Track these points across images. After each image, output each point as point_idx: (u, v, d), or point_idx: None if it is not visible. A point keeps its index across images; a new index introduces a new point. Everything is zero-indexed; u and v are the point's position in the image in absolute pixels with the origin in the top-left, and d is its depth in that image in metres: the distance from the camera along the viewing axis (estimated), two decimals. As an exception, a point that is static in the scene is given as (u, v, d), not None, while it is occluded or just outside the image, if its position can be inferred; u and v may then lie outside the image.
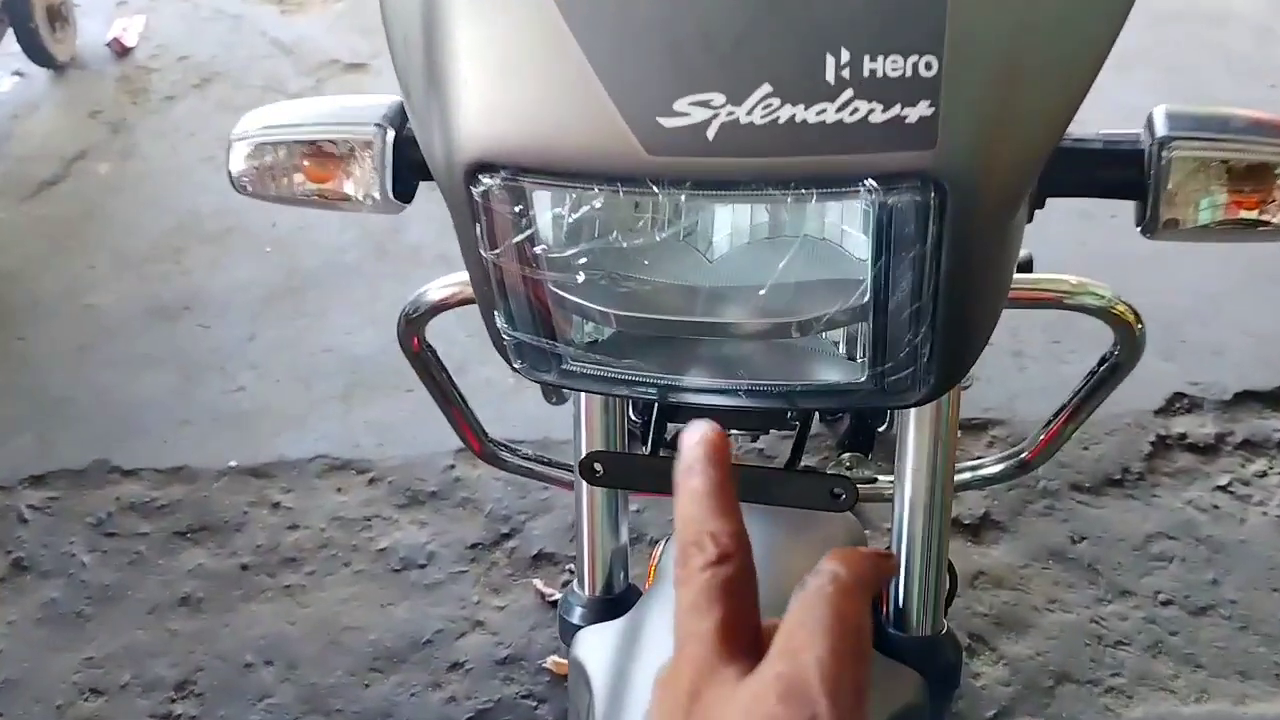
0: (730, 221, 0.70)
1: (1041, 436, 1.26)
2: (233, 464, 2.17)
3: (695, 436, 0.52)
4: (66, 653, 1.90)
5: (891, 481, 0.95)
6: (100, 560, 2.03)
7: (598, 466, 0.88)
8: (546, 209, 0.65)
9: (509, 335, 0.72)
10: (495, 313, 0.71)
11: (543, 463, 1.30)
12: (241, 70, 3.15)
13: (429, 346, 1.20)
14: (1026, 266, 1.45)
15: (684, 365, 0.72)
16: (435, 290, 1.15)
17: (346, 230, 2.63)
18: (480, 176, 0.63)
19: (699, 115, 0.58)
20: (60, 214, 2.75)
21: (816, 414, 1.39)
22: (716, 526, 0.48)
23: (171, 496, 2.12)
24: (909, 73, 0.57)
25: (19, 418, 2.27)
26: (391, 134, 0.80)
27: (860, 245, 0.67)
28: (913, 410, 0.88)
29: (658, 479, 0.89)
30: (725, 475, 0.50)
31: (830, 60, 0.57)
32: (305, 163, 0.83)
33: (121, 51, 3.23)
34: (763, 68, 0.58)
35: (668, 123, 0.59)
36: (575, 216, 0.66)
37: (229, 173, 0.86)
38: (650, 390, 0.73)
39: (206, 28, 3.32)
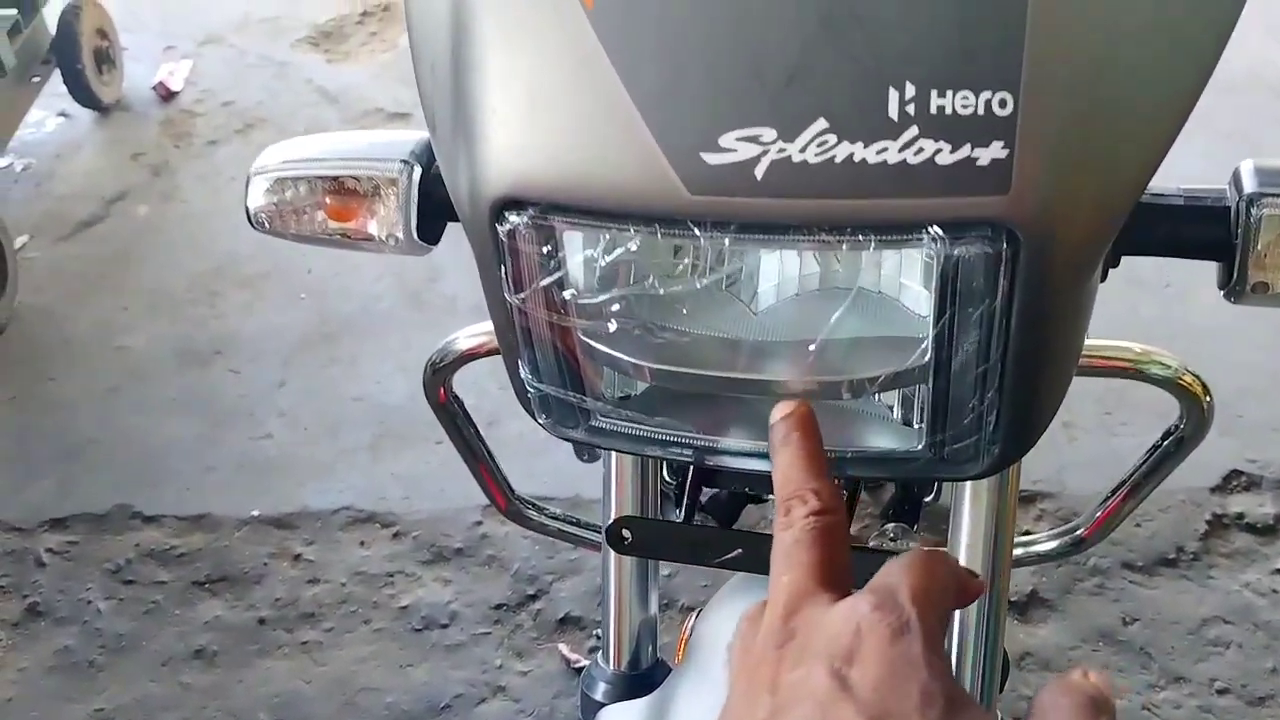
0: (778, 270, 0.64)
1: (1099, 513, 1.18)
2: (255, 513, 2.12)
3: (785, 410, 0.54)
4: (77, 703, 1.84)
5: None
6: (116, 608, 1.97)
7: (626, 533, 0.82)
8: (578, 251, 0.60)
9: (534, 387, 0.66)
10: (519, 362, 0.65)
11: (571, 523, 1.24)
12: (286, 117, 3.15)
13: (456, 398, 1.14)
14: None
15: (723, 425, 0.66)
16: (464, 339, 1.09)
17: (382, 279, 2.60)
18: (507, 214, 0.58)
19: (747, 152, 0.53)
20: (97, 254, 2.74)
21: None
22: (818, 485, 0.51)
23: (192, 545, 2.07)
24: (981, 110, 0.51)
25: (43, 459, 2.24)
26: (418, 171, 0.75)
27: (921, 300, 0.61)
28: (970, 482, 0.82)
29: (690, 549, 0.83)
30: (818, 444, 0.53)
31: (894, 95, 0.51)
32: (327, 200, 0.78)
33: (166, 95, 3.24)
34: (818, 101, 0.52)
35: (713, 159, 0.53)
36: (609, 259, 0.60)
37: (246, 208, 0.81)
38: (685, 452, 0.67)
39: (252, 74, 3.32)
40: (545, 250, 0.58)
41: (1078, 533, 1.24)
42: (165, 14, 3.57)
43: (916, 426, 0.64)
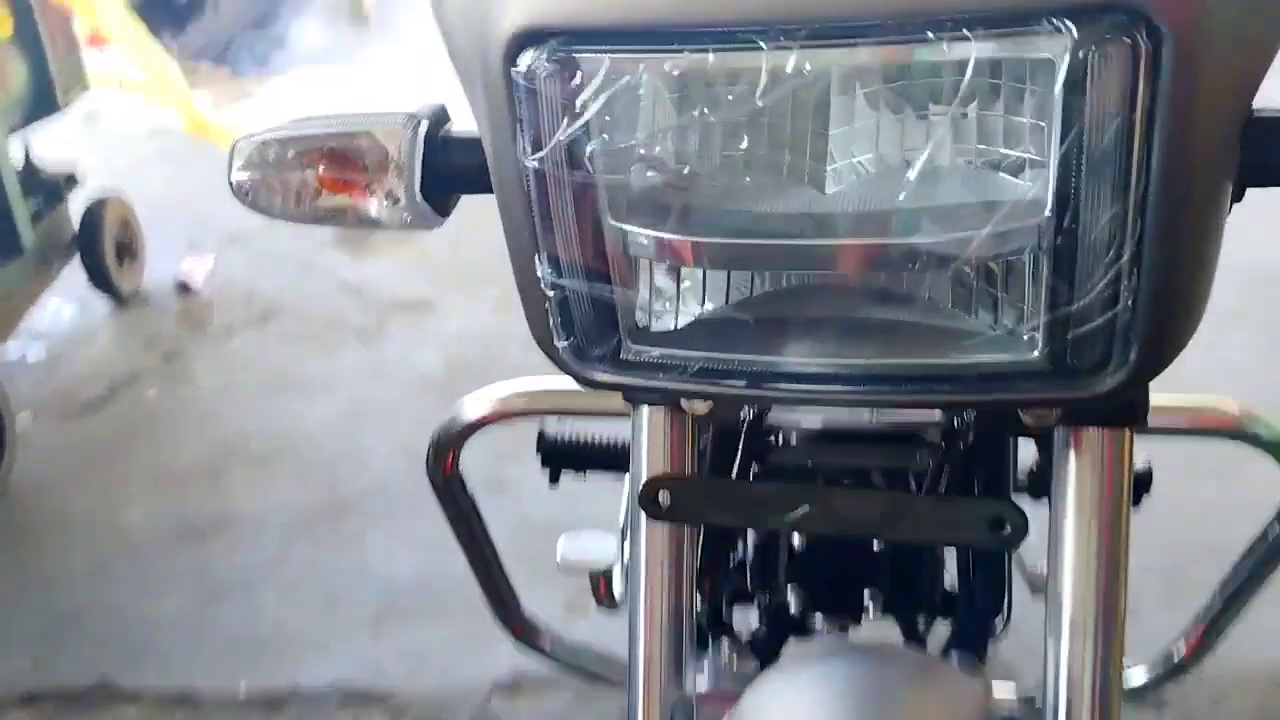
0: (849, 140, 0.52)
1: (1193, 633, 1.03)
2: (243, 691, 1.93)
3: None
4: None
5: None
6: (80, 790, 1.77)
7: (664, 496, 0.68)
8: (605, 90, 0.49)
9: (554, 287, 0.54)
10: (536, 259, 0.54)
11: (590, 657, 1.09)
12: (305, 307, 3.12)
13: (462, 482, 1.03)
14: (1145, 481, 1.24)
15: (783, 341, 0.54)
16: (470, 406, 0.99)
17: (396, 456, 2.49)
18: (523, 52, 0.48)
19: None
20: (102, 433, 2.65)
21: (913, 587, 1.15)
22: None
23: (171, 722, 1.88)
24: None
25: (24, 633, 2.08)
26: (424, 126, 0.65)
27: (1036, 139, 0.50)
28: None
29: (746, 508, 0.68)
30: None
31: None
32: (321, 168, 0.68)
33: (187, 289, 3.22)
34: None
35: None
36: (645, 96, 0.49)
37: (229, 180, 0.71)
38: (737, 383, 0.55)
39: (275, 269, 3.31)
40: (569, 90, 0.48)
41: (1175, 659, 1.09)
42: (194, 213, 3.60)
43: (1026, 336, 0.51)
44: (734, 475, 0.74)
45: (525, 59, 0.49)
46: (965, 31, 0.43)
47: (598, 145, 0.50)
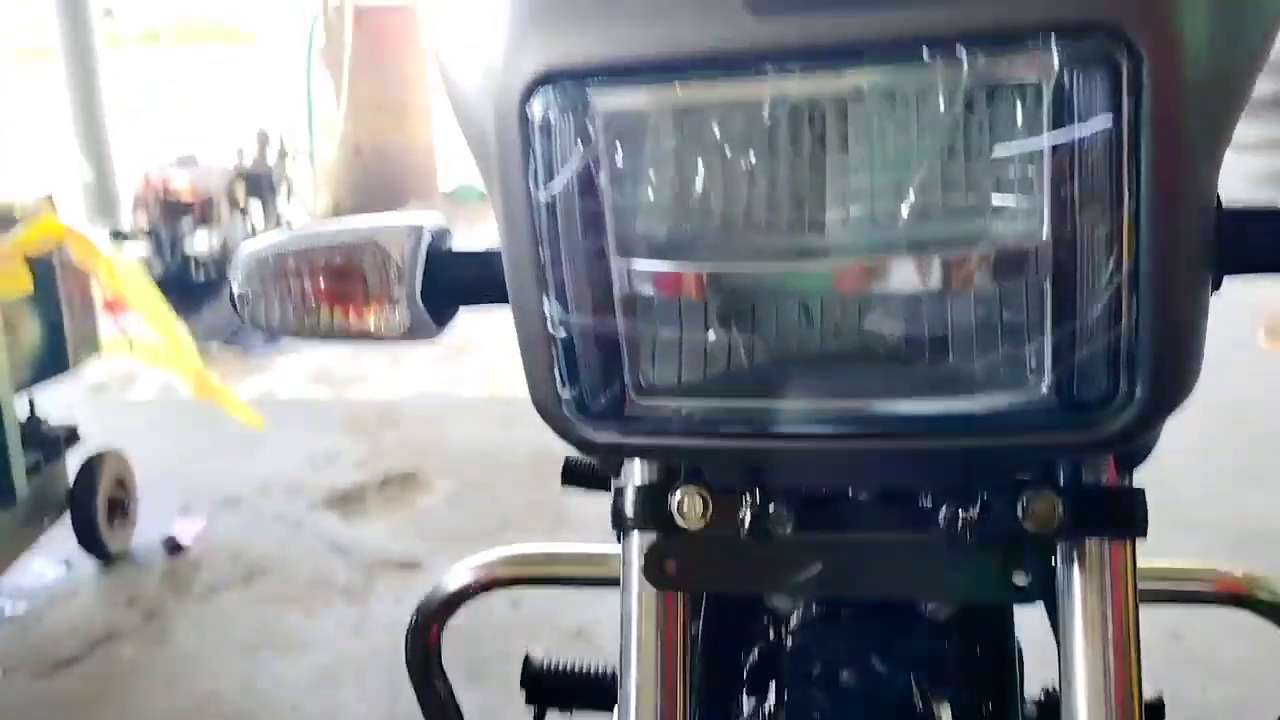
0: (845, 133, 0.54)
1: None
2: None
3: None
4: None
5: None
6: None
7: (669, 563, 0.64)
8: (614, 126, 0.52)
9: (560, 326, 0.54)
10: (544, 297, 0.54)
11: None
12: (292, 568, 3.07)
13: (441, 667, 0.99)
14: (1158, 712, 1.20)
15: (787, 391, 0.54)
16: (455, 577, 0.97)
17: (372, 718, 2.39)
18: (537, 93, 0.51)
19: None
20: (72, 690, 2.55)
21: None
22: None
23: None
24: None
25: None
26: (427, 236, 0.67)
27: (1027, 165, 0.51)
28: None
29: (756, 572, 0.65)
30: None
31: None
32: (321, 281, 0.70)
33: (175, 548, 3.19)
34: None
35: None
36: (657, 129, 0.52)
37: (230, 291, 0.73)
38: (742, 433, 0.54)
39: (265, 530, 3.29)
40: (581, 125, 0.51)
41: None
42: (187, 475, 3.62)
43: (1032, 372, 0.52)
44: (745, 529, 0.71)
45: (539, 99, 0.51)
46: (959, 53, 0.46)
47: (607, 176, 0.52)
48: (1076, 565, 0.65)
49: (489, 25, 0.54)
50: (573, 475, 1.03)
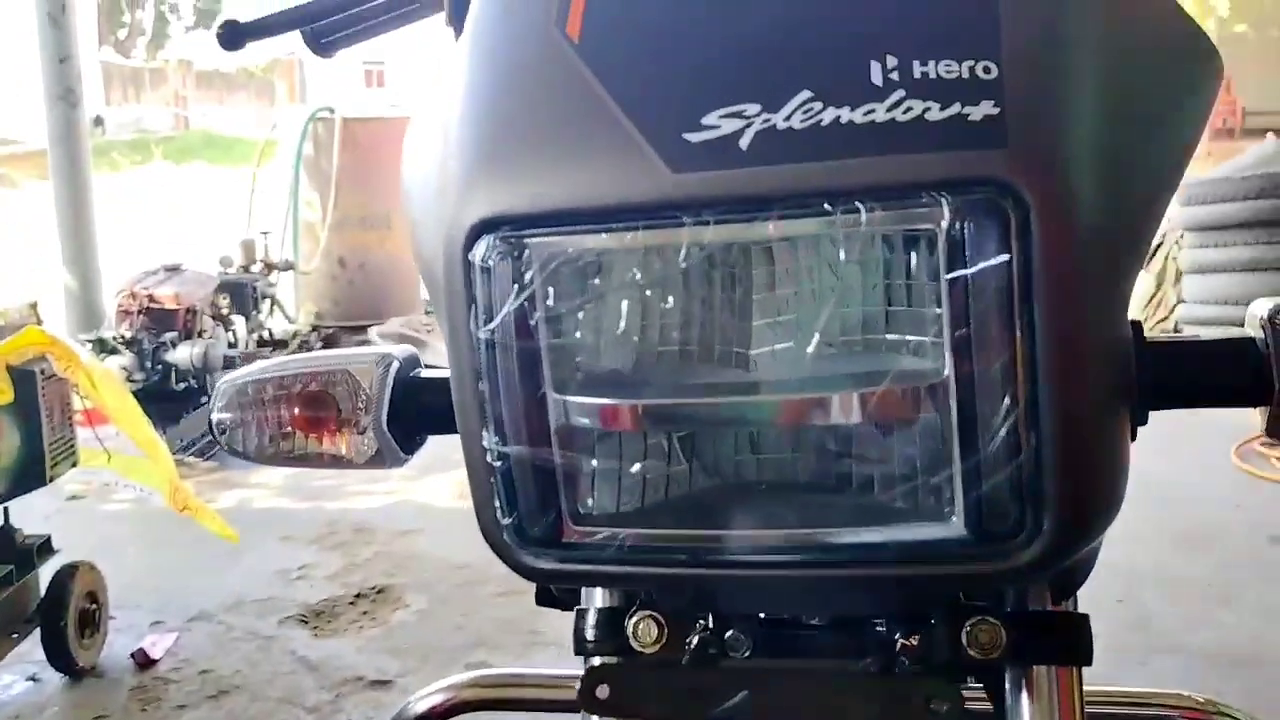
0: (770, 274, 0.59)
1: None
2: None
3: None
4: None
5: None
6: None
7: (604, 688, 0.67)
8: (550, 267, 0.56)
9: (500, 457, 0.58)
10: (484, 431, 0.58)
11: None
12: (262, 685, 3.03)
13: None
14: None
15: (722, 520, 0.57)
16: (422, 700, 0.98)
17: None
18: (480, 240, 0.56)
19: (730, 127, 0.52)
20: (31, 809, 2.50)
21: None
22: None
23: None
24: (966, 75, 0.51)
25: None
26: (395, 365, 0.72)
27: (930, 298, 0.55)
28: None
29: (686, 699, 0.67)
30: None
31: (876, 66, 0.52)
32: (296, 409, 0.74)
33: (145, 663, 3.15)
34: (801, 75, 0.52)
35: (695, 137, 0.52)
36: (584, 269, 0.56)
37: (209, 419, 0.77)
38: (679, 560, 0.58)
39: (236, 646, 3.26)
40: (517, 269, 0.55)
41: None
42: (159, 592, 3.60)
43: (946, 506, 0.55)
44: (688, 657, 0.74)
45: (481, 245, 0.56)
46: (855, 206, 0.50)
47: (541, 316, 0.56)
48: (1024, 691, 0.67)
49: (441, 177, 0.59)
50: (546, 595, 1.05)
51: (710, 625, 0.69)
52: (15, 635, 2.90)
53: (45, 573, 3.04)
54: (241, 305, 5.76)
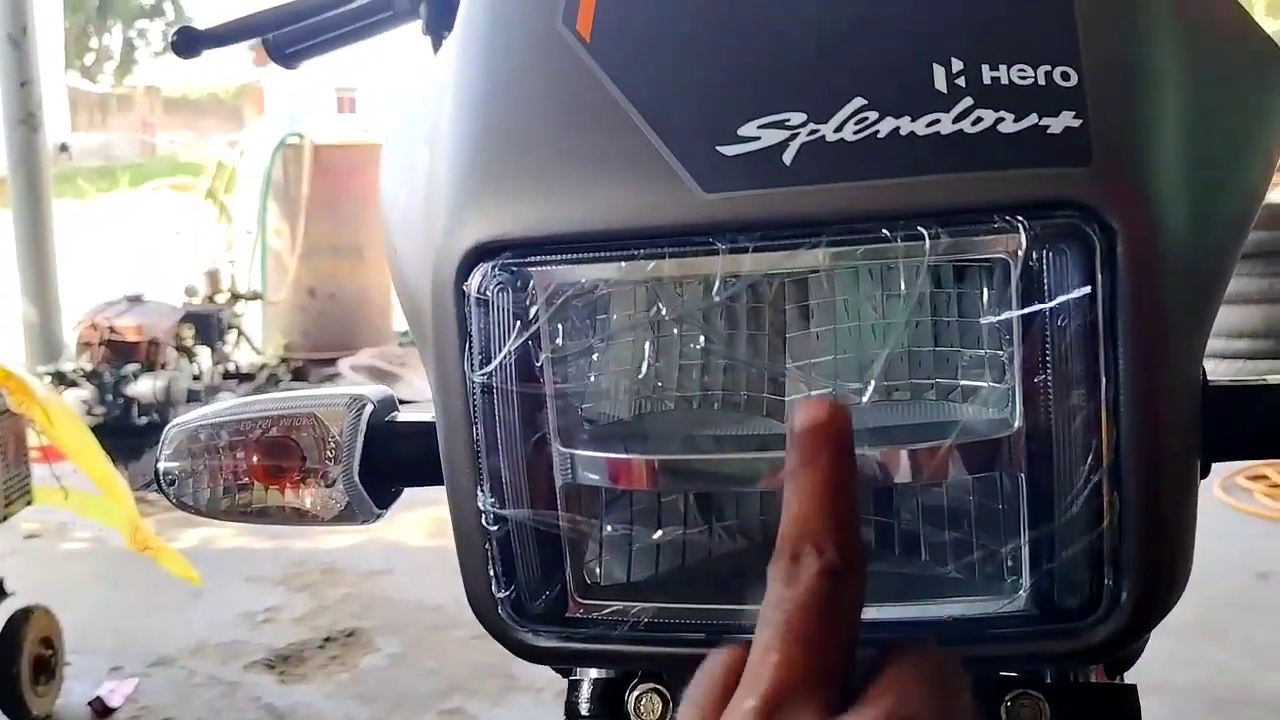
0: (804, 310, 0.50)
1: None
2: None
3: (811, 414, 0.40)
4: None
5: None
6: None
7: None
8: (557, 298, 0.48)
9: (496, 520, 0.49)
10: (478, 490, 0.50)
11: None
12: (225, 734, 2.92)
13: None
14: None
15: (743, 593, 0.49)
16: None
17: None
18: (476, 267, 0.47)
19: (771, 138, 0.44)
20: None
21: None
22: (843, 533, 0.39)
23: None
24: (1042, 81, 0.44)
25: None
26: (368, 409, 0.63)
27: (990, 339, 0.48)
28: None
29: None
30: (851, 473, 0.40)
31: (939, 70, 0.44)
32: (255, 457, 0.65)
33: (103, 711, 3.02)
34: (853, 80, 0.45)
35: (730, 151, 0.44)
36: (599, 308, 0.49)
37: (155, 469, 0.68)
38: (696, 639, 0.49)
39: (198, 693, 3.13)
40: (520, 301, 0.47)
41: None
42: (118, 635, 3.47)
43: (1010, 578, 0.47)
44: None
45: (477, 274, 0.48)
46: (919, 229, 0.43)
47: (549, 356, 0.48)
48: None
49: (428, 196, 0.51)
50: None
51: None
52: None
53: (-1, 616, 2.91)
54: (206, 336, 5.64)
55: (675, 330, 0.48)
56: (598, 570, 0.53)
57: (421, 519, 4.32)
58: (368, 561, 4.06)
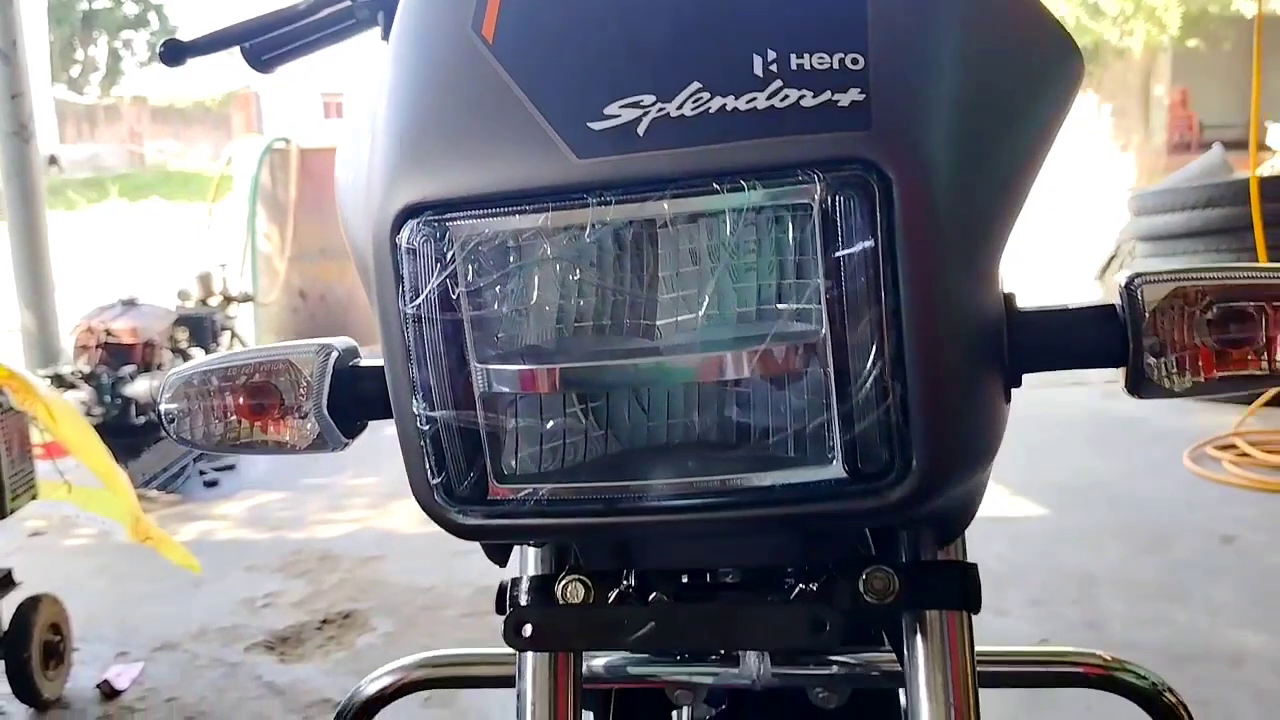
0: (673, 257, 0.64)
1: None
2: None
3: None
4: None
5: None
6: None
7: (528, 628, 0.72)
8: (470, 247, 0.62)
9: (427, 420, 0.63)
10: (413, 398, 0.63)
11: None
12: (229, 710, 3.04)
13: None
14: None
15: (633, 471, 0.63)
16: (371, 682, 1.04)
17: None
18: (405, 224, 0.61)
19: (629, 115, 0.58)
20: (-3, 841, 2.50)
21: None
22: None
23: None
24: (837, 66, 0.57)
25: None
26: (334, 354, 0.77)
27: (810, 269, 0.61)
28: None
29: (599, 632, 0.72)
30: None
31: (757, 59, 0.58)
32: (241, 398, 0.79)
33: (110, 694, 3.14)
34: (692, 68, 0.59)
35: (598, 126, 0.58)
36: (503, 251, 0.62)
37: (158, 410, 0.82)
38: (595, 509, 0.63)
39: (202, 674, 3.26)
40: (440, 249, 0.61)
41: None
42: (124, 623, 3.60)
43: (829, 453, 0.60)
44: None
45: (406, 229, 0.61)
46: (739, 182, 0.56)
47: (463, 290, 0.61)
48: (919, 636, 0.73)
49: (369, 169, 0.64)
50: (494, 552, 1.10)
51: (632, 585, 0.75)
52: (-23, 671, 2.91)
53: (7, 606, 3.04)
54: (200, 338, 5.75)
55: (558, 268, 0.62)
56: (513, 463, 0.66)
57: (413, 507, 4.45)
58: (362, 548, 4.19)
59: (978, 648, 1.01)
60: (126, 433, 4.96)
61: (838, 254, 0.57)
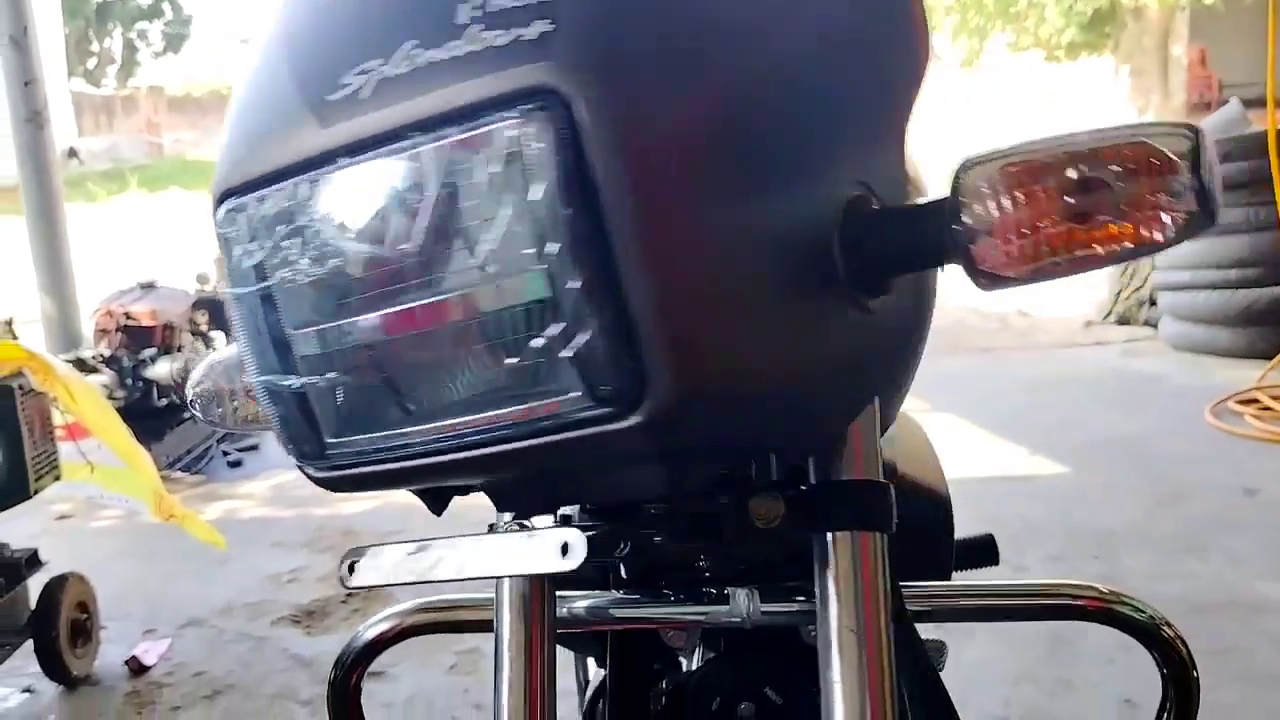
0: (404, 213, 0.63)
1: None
2: None
3: None
4: None
5: None
6: None
7: (355, 564, 0.74)
8: (261, 221, 0.65)
9: (265, 393, 0.68)
10: (253, 370, 0.68)
11: None
12: (255, 683, 3.08)
13: (360, 711, 1.07)
14: (988, 550, 1.24)
15: (424, 413, 0.64)
16: (370, 628, 1.06)
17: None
18: (218, 211, 0.66)
19: (359, 82, 0.60)
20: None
21: None
22: None
23: None
24: (533, 3, 0.57)
25: None
26: None
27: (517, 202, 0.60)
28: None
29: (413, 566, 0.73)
30: None
31: (461, 8, 0.58)
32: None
33: (138, 669, 3.19)
34: (406, 26, 0.60)
35: (335, 96, 0.61)
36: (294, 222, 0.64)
37: (188, 392, 0.92)
38: (404, 451, 0.65)
39: (229, 648, 3.30)
40: (248, 231, 0.65)
41: None
42: (151, 601, 3.65)
43: (567, 381, 0.60)
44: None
45: (219, 216, 0.66)
46: (440, 132, 0.58)
47: (266, 263, 0.64)
48: (832, 555, 0.73)
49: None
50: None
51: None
52: (6, 647, 2.95)
53: (35, 587, 3.08)
54: (220, 321, 5.79)
55: (325, 234, 0.63)
56: (345, 420, 0.67)
57: (434, 481, 4.48)
58: (385, 523, 4.22)
59: (974, 583, 1.01)
60: (149, 415, 5.00)
61: (548, 185, 0.56)
